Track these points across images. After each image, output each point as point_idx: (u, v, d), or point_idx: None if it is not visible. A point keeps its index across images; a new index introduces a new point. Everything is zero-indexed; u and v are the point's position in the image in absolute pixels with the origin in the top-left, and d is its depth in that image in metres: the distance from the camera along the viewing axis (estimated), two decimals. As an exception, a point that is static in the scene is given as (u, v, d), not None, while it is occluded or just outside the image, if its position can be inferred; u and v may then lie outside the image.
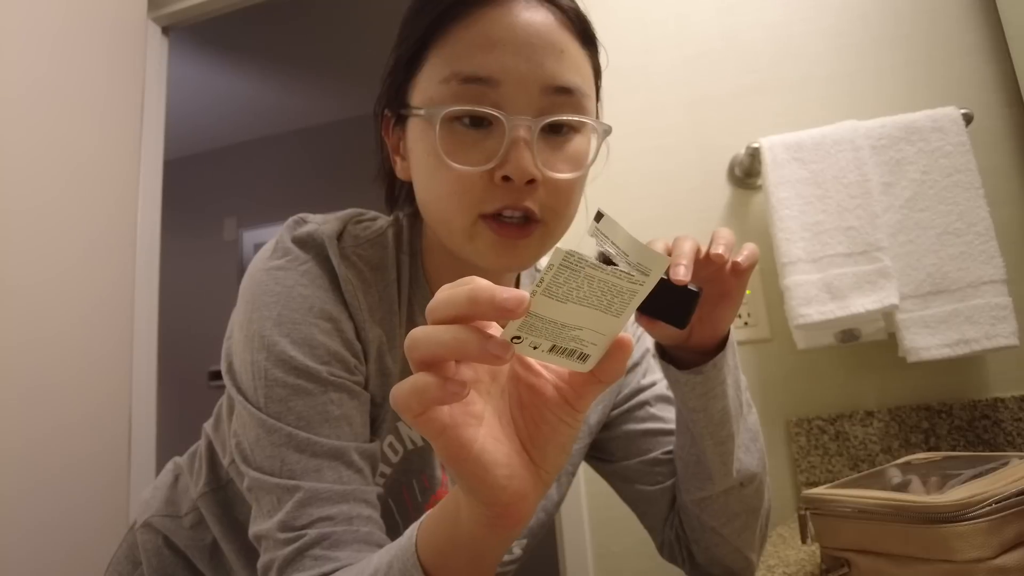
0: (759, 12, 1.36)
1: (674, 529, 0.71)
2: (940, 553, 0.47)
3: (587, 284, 0.30)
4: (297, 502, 0.51)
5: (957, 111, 1.14)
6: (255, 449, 0.54)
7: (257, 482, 0.53)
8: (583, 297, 0.30)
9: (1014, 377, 1.14)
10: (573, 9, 0.57)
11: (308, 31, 2.79)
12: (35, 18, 1.43)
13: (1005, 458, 0.57)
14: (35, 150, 1.40)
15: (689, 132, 1.36)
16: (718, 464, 0.62)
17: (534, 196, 0.54)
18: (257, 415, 0.54)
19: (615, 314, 0.31)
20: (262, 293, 0.56)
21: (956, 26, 1.25)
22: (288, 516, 0.50)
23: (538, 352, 0.32)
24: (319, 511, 0.50)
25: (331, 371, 0.55)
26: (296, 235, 0.59)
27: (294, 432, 0.53)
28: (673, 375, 0.60)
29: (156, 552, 0.70)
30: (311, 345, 0.55)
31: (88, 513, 1.39)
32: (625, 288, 0.30)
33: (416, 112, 0.56)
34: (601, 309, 0.31)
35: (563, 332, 0.31)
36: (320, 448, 0.53)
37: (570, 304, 0.30)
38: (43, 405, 1.33)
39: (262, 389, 0.54)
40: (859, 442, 1.16)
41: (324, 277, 0.58)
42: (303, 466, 0.52)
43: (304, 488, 0.51)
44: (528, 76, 0.53)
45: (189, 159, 3.63)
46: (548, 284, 0.29)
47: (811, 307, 1.11)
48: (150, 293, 1.70)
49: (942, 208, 1.12)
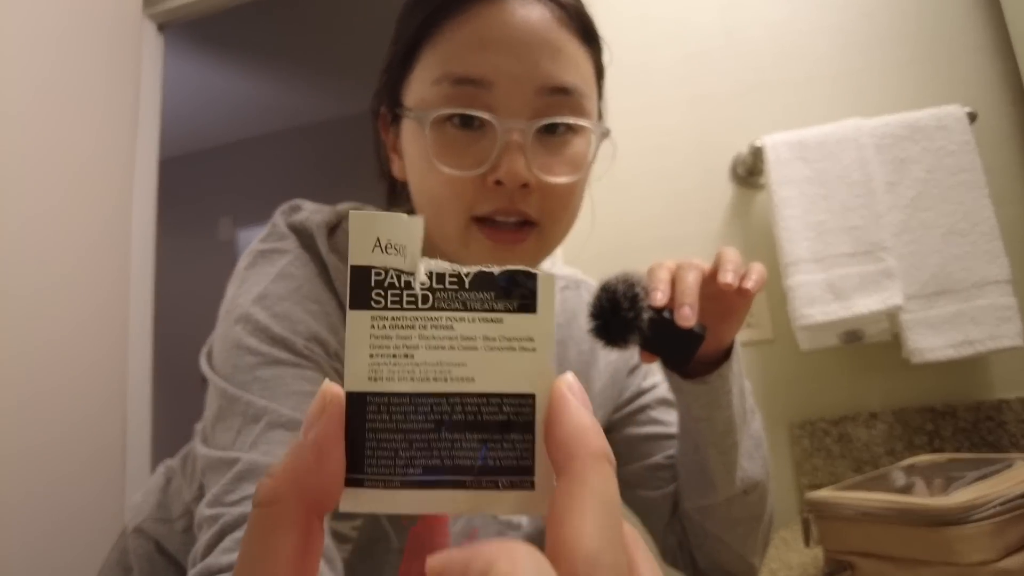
0: (762, 9, 1.35)
1: (676, 535, 0.70)
2: (944, 556, 0.47)
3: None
4: (234, 475, 0.45)
5: (961, 110, 1.13)
6: (214, 425, 0.50)
7: (206, 460, 0.48)
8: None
9: (1019, 378, 1.13)
10: (572, 5, 0.55)
11: (304, 28, 2.78)
12: (29, 16, 1.42)
13: (1009, 460, 0.57)
14: (29, 148, 1.38)
15: (691, 130, 1.35)
16: (721, 472, 0.60)
17: (528, 200, 0.52)
18: (221, 385, 0.50)
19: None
20: (252, 273, 0.55)
21: (960, 24, 1.24)
22: (221, 490, 0.45)
23: None
24: (253, 487, 0.47)
25: (308, 347, 0.52)
26: (290, 221, 0.58)
27: (253, 400, 0.48)
28: (677, 384, 0.58)
29: (148, 558, 0.68)
30: (292, 319, 0.52)
31: (83, 516, 1.38)
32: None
33: (408, 113, 0.54)
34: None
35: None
36: (277, 418, 0.47)
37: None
38: (37, 407, 1.32)
39: (232, 358, 0.51)
40: (863, 444, 1.15)
41: (314, 264, 0.56)
42: (254, 438, 0.47)
43: (243, 460, 0.46)
44: (522, 77, 0.51)
45: (184, 158, 3.61)
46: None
47: (815, 307, 1.10)
48: (145, 293, 1.69)
49: (946, 207, 1.11)
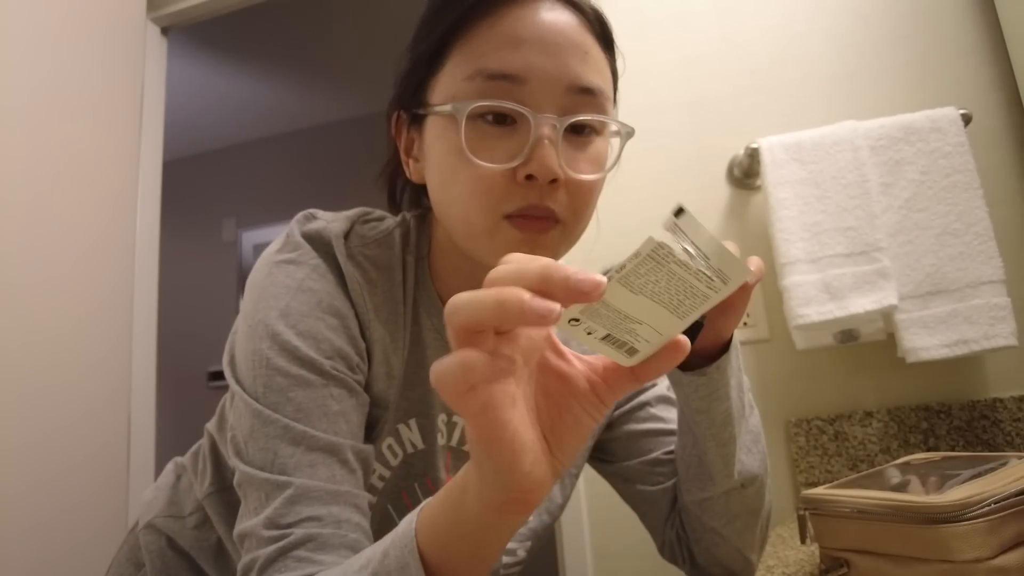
0: (758, 13, 1.36)
1: (675, 529, 0.71)
2: (939, 553, 0.47)
3: (666, 280, 0.29)
4: (286, 499, 0.49)
5: (956, 111, 1.15)
6: (248, 442, 0.52)
7: (246, 477, 0.51)
8: (657, 292, 0.29)
9: (1013, 377, 1.14)
10: (594, 12, 0.58)
11: (308, 32, 2.79)
12: (34, 19, 1.43)
13: (1004, 458, 0.57)
14: (34, 151, 1.39)
15: (688, 133, 1.36)
16: (720, 465, 0.61)
17: (555, 196, 0.53)
18: (254, 405, 0.52)
19: (681, 316, 0.30)
20: (270, 285, 0.56)
21: (955, 27, 1.25)
22: (275, 513, 0.48)
23: (590, 338, 0.31)
24: (308, 510, 0.48)
25: (334, 365, 0.54)
26: (306, 230, 0.59)
27: (290, 424, 0.51)
28: (676, 376, 0.59)
29: (160, 554, 0.69)
30: (316, 338, 0.54)
31: (87, 514, 1.39)
32: (700, 291, 0.29)
33: (438, 109, 0.55)
34: (670, 308, 0.30)
35: (623, 324, 0.30)
36: (316, 442, 0.51)
37: (641, 297, 0.29)
38: (42, 406, 1.33)
39: (262, 378, 0.53)
40: (858, 442, 1.16)
41: (332, 274, 0.57)
42: (296, 460, 0.50)
43: (295, 484, 0.49)
44: (553, 75, 0.53)
45: (188, 160, 3.62)
46: (628, 273, 0.28)
47: (810, 307, 1.11)
48: (149, 294, 1.70)
49: (941, 208, 1.12)
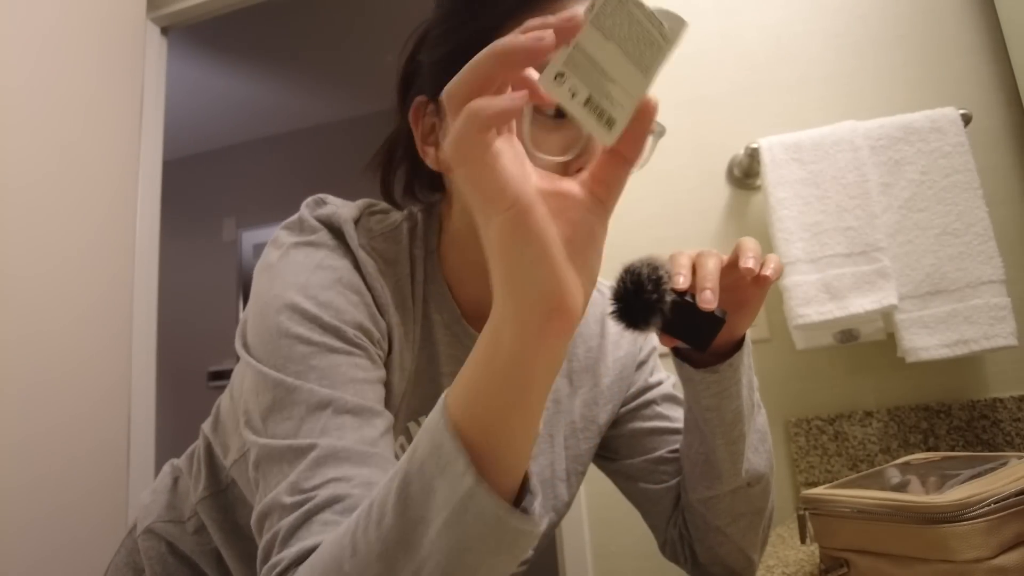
0: (758, 12, 1.36)
1: (677, 528, 0.71)
2: (939, 553, 0.47)
3: (627, 23, 0.32)
4: (312, 460, 0.44)
5: (956, 111, 1.15)
6: (268, 416, 0.48)
7: (266, 451, 0.47)
8: (623, 38, 0.32)
9: (1013, 377, 1.14)
10: None
11: (307, 32, 2.79)
12: (34, 18, 1.43)
13: (1004, 458, 0.57)
14: (34, 150, 1.39)
15: (688, 132, 1.36)
16: (728, 464, 0.61)
17: None
18: (274, 376, 0.49)
19: (643, 70, 0.33)
20: (288, 263, 0.54)
21: (955, 27, 1.25)
22: (299, 477, 0.44)
23: (574, 102, 0.33)
24: (335, 471, 0.44)
25: (357, 335, 0.52)
26: (318, 214, 0.58)
27: (315, 388, 0.47)
28: (688, 373, 0.59)
29: (160, 559, 0.68)
30: (338, 309, 0.52)
31: (86, 513, 1.39)
32: (655, 40, 0.32)
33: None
34: (633, 60, 0.32)
35: (600, 83, 0.32)
36: (344, 405, 0.47)
37: (611, 44, 0.32)
38: (42, 405, 1.33)
39: (284, 348, 0.49)
40: (858, 442, 1.17)
41: (347, 257, 0.56)
42: (323, 424, 0.46)
43: (320, 445, 0.44)
44: None
45: (188, 159, 3.62)
46: (598, 11, 0.31)
47: (810, 307, 1.11)
48: (149, 294, 1.70)
49: (941, 208, 1.12)
